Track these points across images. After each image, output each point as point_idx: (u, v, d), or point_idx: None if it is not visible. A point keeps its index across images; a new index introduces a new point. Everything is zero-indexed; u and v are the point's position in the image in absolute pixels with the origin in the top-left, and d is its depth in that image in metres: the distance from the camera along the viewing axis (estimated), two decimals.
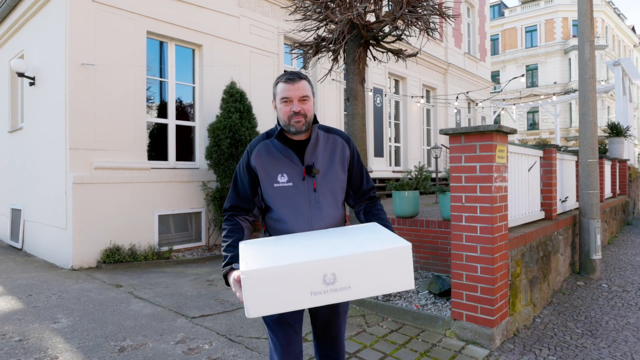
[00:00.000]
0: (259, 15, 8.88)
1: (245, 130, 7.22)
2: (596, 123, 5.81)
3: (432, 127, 14.99)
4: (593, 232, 5.68)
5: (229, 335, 3.57)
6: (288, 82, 1.71)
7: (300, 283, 1.31)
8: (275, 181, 1.75)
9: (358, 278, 1.35)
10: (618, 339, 3.57)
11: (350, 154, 1.85)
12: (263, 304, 1.30)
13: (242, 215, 1.81)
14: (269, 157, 1.76)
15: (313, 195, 1.74)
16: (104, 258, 6.19)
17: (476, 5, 17.50)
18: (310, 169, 1.74)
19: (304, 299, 1.32)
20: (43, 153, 7.07)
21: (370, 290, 1.37)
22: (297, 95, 1.69)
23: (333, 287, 1.33)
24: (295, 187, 1.74)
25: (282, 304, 1.31)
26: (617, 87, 14.20)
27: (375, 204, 1.90)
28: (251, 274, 1.28)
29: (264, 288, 1.29)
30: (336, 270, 1.32)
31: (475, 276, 3.40)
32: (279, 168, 1.75)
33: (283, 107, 1.72)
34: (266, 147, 1.79)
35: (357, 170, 1.88)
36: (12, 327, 3.74)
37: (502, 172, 3.48)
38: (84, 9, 6.28)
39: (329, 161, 1.79)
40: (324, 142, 1.81)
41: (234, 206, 1.82)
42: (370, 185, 1.91)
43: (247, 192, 1.80)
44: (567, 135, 32.92)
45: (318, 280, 1.31)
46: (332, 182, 1.78)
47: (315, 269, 1.31)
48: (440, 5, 5.15)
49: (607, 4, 36.02)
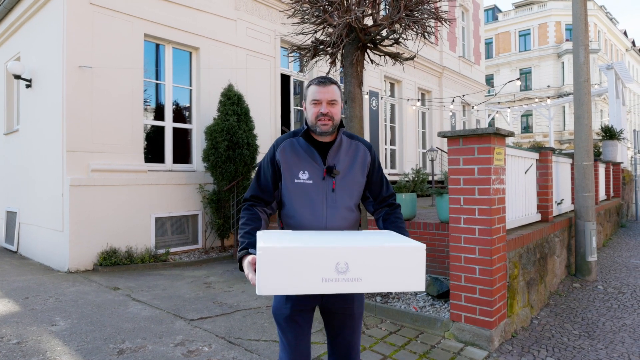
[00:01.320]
0: (256, 19, 8.90)
1: (242, 132, 7.23)
2: (591, 126, 5.87)
3: (428, 130, 15.05)
4: (589, 234, 5.73)
5: (228, 337, 3.57)
6: (320, 85, 1.80)
7: (313, 267, 1.33)
8: (297, 177, 1.81)
9: (370, 271, 1.37)
10: (615, 340, 3.61)
11: (371, 160, 1.91)
12: (274, 283, 1.32)
13: (260, 206, 1.88)
14: (293, 154, 1.83)
15: (331, 195, 1.80)
16: (101, 261, 6.17)
17: (470, 9, 17.63)
18: (331, 170, 1.80)
19: (314, 284, 1.34)
20: (39, 155, 7.04)
21: (381, 286, 1.39)
22: (326, 98, 1.78)
23: (344, 277, 1.35)
24: (314, 185, 1.80)
25: (292, 285, 1.33)
26: (610, 90, 14.35)
27: (395, 211, 1.94)
28: (267, 251, 1.32)
29: (277, 267, 1.32)
30: (349, 260, 1.35)
31: (474, 278, 3.43)
32: (301, 165, 1.82)
33: (312, 108, 1.80)
34: (292, 144, 1.85)
35: (377, 176, 1.94)
36: (9, 329, 3.72)
37: (500, 175, 3.52)
38: (81, 11, 6.28)
39: (349, 164, 1.85)
40: (347, 146, 1.88)
41: (254, 196, 1.88)
42: (389, 192, 1.97)
43: (268, 184, 1.87)
44: (561, 138, 33.16)
45: (331, 267, 1.34)
46: (351, 185, 1.84)
47: (329, 255, 1.34)
48: (436, 9, 5.19)
49: (599, 8, 36.37)
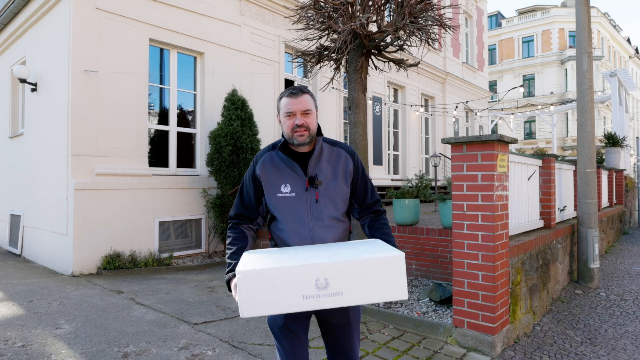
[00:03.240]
0: (261, 24, 8.96)
1: (246, 137, 7.27)
2: (594, 133, 5.88)
3: (431, 135, 15.09)
4: (591, 241, 5.73)
5: (232, 341, 3.58)
6: (291, 96, 1.76)
7: (293, 286, 1.34)
8: (279, 191, 1.79)
9: (350, 284, 1.37)
10: (617, 347, 3.61)
11: (354, 167, 1.87)
12: (256, 304, 1.34)
13: (246, 223, 1.87)
14: (273, 168, 1.81)
15: (315, 206, 1.78)
16: (105, 264, 6.19)
17: (474, 16, 17.71)
18: (313, 180, 1.77)
19: (295, 302, 1.35)
20: (44, 159, 7.09)
21: (363, 298, 1.39)
22: (299, 109, 1.75)
23: (325, 292, 1.35)
24: (297, 198, 1.78)
25: (274, 305, 1.35)
26: (613, 97, 14.36)
27: (380, 217, 1.92)
28: (245, 274, 1.34)
29: (257, 289, 1.34)
30: (328, 275, 1.35)
31: (477, 284, 3.44)
32: (282, 179, 1.79)
33: (287, 120, 1.77)
34: (271, 158, 1.84)
35: (361, 183, 1.90)
36: (14, 332, 3.75)
37: (503, 181, 3.53)
38: (87, 16, 6.35)
39: (332, 173, 1.82)
40: (328, 154, 1.85)
41: (238, 214, 1.88)
42: (375, 199, 1.93)
43: (252, 201, 1.86)
44: (564, 144, 33.13)
45: (310, 284, 1.35)
46: (334, 194, 1.81)
47: (307, 273, 1.35)
48: (440, 16, 5.23)
49: (602, 15, 36.44)
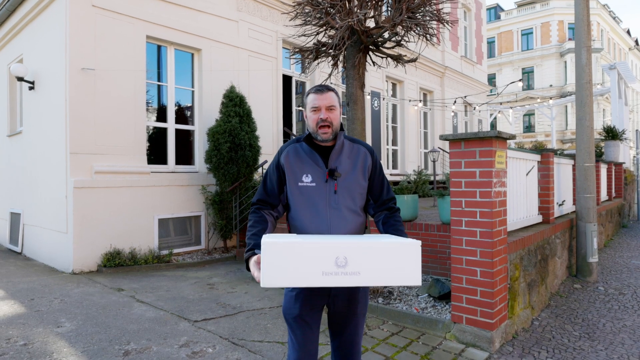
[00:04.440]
0: (258, 20, 8.93)
1: (244, 134, 7.27)
2: (593, 127, 5.88)
3: (430, 130, 15.06)
4: (590, 236, 5.75)
5: (232, 338, 3.61)
6: (317, 92, 1.88)
7: (314, 261, 1.41)
8: (300, 180, 1.89)
9: (368, 266, 1.44)
10: (615, 341, 3.63)
11: (372, 164, 1.97)
12: (277, 275, 1.41)
13: (267, 209, 1.96)
14: (297, 159, 1.91)
15: (333, 197, 1.87)
16: (105, 262, 6.21)
17: (473, 9, 17.62)
18: (332, 172, 1.87)
19: (315, 277, 1.42)
20: (43, 157, 7.09)
21: (379, 279, 1.47)
22: (325, 104, 1.86)
23: (344, 270, 1.42)
24: (317, 188, 1.87)
25: (294, 278, 1.42)
26: (612, 90, 14.34)
27: (394, 215, 1.99)
28: (270, 245, 1.41)
29: (280, 260, 1.41)
30: (348, 255, 1.42)
31: (475, 280, 3.45)
32: (304, 169, 1.90)
33: (312, 115, 1.88)
34: (295, 149, 1.94)
35: (378, 180, 1.99)
36: (16, 331, 3.77)
37: (501, 177, 3.54)
38: (83, 13, 6.32)
39: (351, 167, 1.92)
40: (349, 150, 1.95)
41: (261, 200, 1.97)
42: (390, 196, 2.02)
43: (274, 188, 1.95)
44: (563, 137, 33.11)
45: (330, 261, 1.42)
46: (353, 187, 1.91)
47: (329, 250, 1.42)
48: (438, 11, 5.21)
49: (602, 7, 36.28)
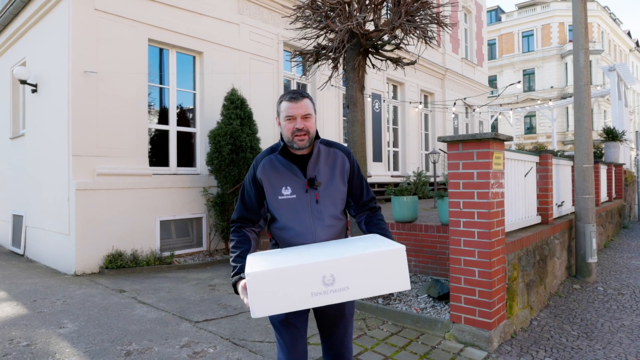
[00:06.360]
0: (259, 23, 8.98)
1: (245, 136, 7.31)
2: (591, 129, 5.91)
3: (430, 132, 15.10)
4: (589, 236, 5.77)
5: (233, 339, 3.64)
6: (292, 100, 1.78)
7: (301, 284, 1.39)
8: (280, 194, 1.84)
9: (356, 279, 1.43)
10: (613, 340, 3.66)
11: (350, 166, 1.93)
12: (267, 304, 1.39)
13: (248, 226, 1.92)
14: (274, 171, 1.85)
15: (316, 207, 1.84)
16: (107, 263, 6.26)
17: (473, 11, 17.68)
18: (312, 182, 1.83)
19: (305, 300, 1.40)
20: (45, 159, 7.14)
21: (368, 291, 1.45)
22: (300, 113, 1.78)
23: (332, 288, 1.41)
24: (298, 199, 1.83)
25: (284, 304, 1.40)
26: (612, 92, 14.36)
27: (376, 214, 1.99)
28: (255, 276, 1.38)
29: (267, 289, 1.38)
30: (334, 272, 1.41)
31: (474, 280, 3.49)
32: (283, 181, 1.84)
33: (287, 124, 1.80)
34: (271, 161, 1.87)
35: (357, 182, 1.96)
36: (19, 332, 3.81)
37: (498, 179, 3.57)
38: (86, 17, 6.38)
39: (330, 174, 1.88)
40: (325, 156, 1.90)
41: (241, 217, 1.92)
42: (370, 197, 2.00)
43: (253, 203, 1.90)
44: (564, 139, 33.09)
45: (318, 281, 1.40)
46: (333, 194, 1.88)
47: (314, 271, 1.40)
48: (437, 14, 5.25)
49: (602, 9, 36.30)
